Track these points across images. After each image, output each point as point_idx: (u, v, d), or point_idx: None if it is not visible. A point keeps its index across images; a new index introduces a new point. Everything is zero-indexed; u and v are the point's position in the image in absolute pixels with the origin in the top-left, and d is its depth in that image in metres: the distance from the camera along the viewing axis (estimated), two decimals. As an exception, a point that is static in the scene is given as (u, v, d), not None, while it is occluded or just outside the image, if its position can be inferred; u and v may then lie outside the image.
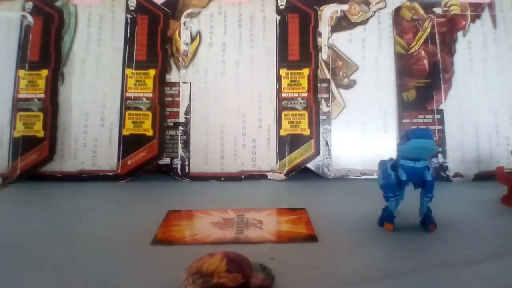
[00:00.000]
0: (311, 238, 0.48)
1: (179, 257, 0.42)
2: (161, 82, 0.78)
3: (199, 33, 0.81)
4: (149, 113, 0.77)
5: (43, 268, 0.41)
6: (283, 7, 0.81)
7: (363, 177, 0.76)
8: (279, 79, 0.79)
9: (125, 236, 0.49)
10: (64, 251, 0.45)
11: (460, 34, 0.80)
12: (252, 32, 0.81)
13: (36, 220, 0.56)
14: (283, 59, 0.79)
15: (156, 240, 0.47)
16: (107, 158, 0.76)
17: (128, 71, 0.78)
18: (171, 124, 0.78)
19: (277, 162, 0.77)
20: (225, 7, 0.82)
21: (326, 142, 0.77)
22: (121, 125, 0.77)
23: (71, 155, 0.77)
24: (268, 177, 0.76)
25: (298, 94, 0.78)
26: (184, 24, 0.81)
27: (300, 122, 0.78)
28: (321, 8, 0.81)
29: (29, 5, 0.81)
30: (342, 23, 0.81)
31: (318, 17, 0.80)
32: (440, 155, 0.75)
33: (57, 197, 0.67)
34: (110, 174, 0.75)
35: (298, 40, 0.80)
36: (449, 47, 0.79)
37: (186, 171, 0.76)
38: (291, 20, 0.80)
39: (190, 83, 0.79)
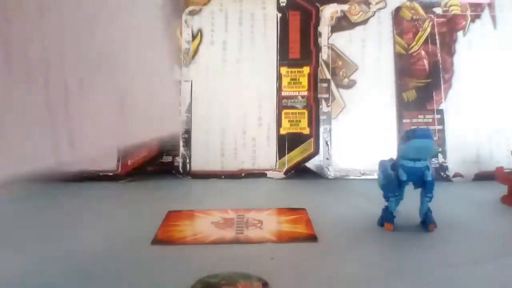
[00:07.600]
0: (311, 238, 0.48)
1: (179, 257, 0.43)
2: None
3: (200, 31, 0.81)
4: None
5: (42, 268, 0.41)
6: (284, 4, 0.81)
7: (363, 177, 0.76)
8: (279, 77, 0.79)
9: (125, 236, 0.49)
10: (63, 251, 0.45)
11: (460, 34, 0.80)
12: (253, 30, 0.81)
13: (36, 220, 0.56)
14: (284, 57, 0.79)
15: (156, 240, 0.48)
16: (107, 158, 0.76)
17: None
18: (171, 123, 0.78)
19: (276, 161, 0.77)
20: (226, 5, 0.82)
21: (326, 142, 0.77)
22: (121, 124, 0.77)
23: (71, 154, 0.76)
24: (268, 175, 0.76)
25: (298, 93, 0.78)
26: (185, 21, 0.81)
27: (300, 121, 0.78)
28: (321, 8, 0.81)
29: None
30: (342, 23, 0.81)
31: (319, 15, 0.80)
32: (440, 155, 0.75)
33: (57, 197, 0.67)
34: (110, 174, 0.75)
35: (299, 38, 0.80)
36: (449, 47, 0.79)
37: (188, 169, 0.76)
38: (292, 17, 0.80)
39: (191, 81, 0.79)
